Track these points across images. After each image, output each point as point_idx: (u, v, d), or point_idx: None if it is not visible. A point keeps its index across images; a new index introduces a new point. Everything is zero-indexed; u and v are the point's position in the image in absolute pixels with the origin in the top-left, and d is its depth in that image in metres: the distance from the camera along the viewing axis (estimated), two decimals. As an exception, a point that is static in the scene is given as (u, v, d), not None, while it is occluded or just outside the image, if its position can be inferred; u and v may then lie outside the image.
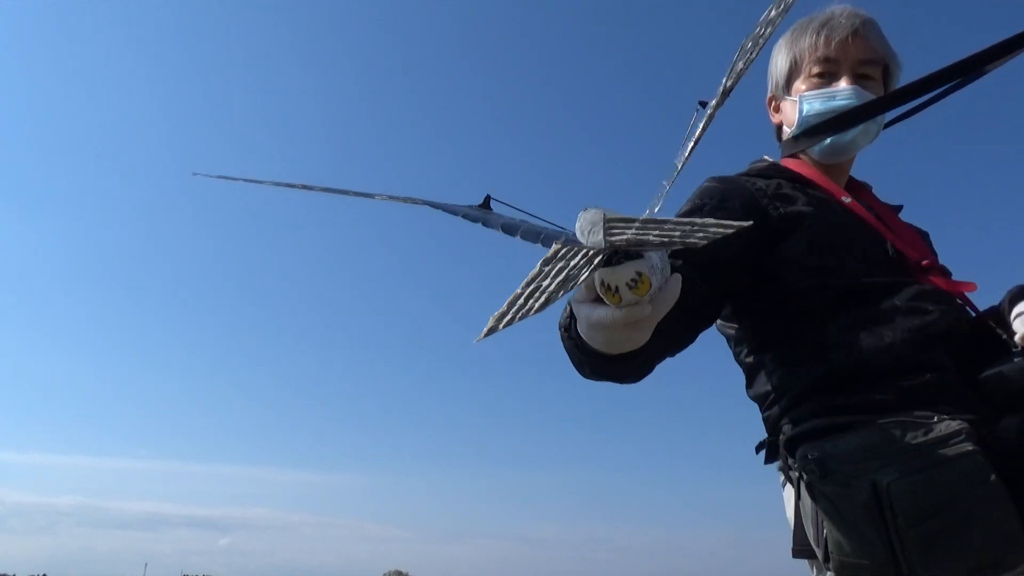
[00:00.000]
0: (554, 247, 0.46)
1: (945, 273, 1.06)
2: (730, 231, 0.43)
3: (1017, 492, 0.81)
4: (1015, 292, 1.00)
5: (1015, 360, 0.90)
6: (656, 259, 0.51)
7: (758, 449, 1.05)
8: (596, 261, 0.47)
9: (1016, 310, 0.97)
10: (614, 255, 0.48)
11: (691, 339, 0.93)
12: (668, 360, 0.91)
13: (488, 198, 0.70)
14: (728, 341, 1.13)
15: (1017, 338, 0.94)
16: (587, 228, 0.50)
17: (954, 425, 0.84)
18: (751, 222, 0.45)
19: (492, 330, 0.47)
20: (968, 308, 1.03)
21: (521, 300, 0.46)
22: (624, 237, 0.45)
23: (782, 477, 1.03)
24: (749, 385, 1.08)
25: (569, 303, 0.70)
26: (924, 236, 1.17)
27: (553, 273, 0.46)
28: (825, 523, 0.87)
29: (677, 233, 0.44)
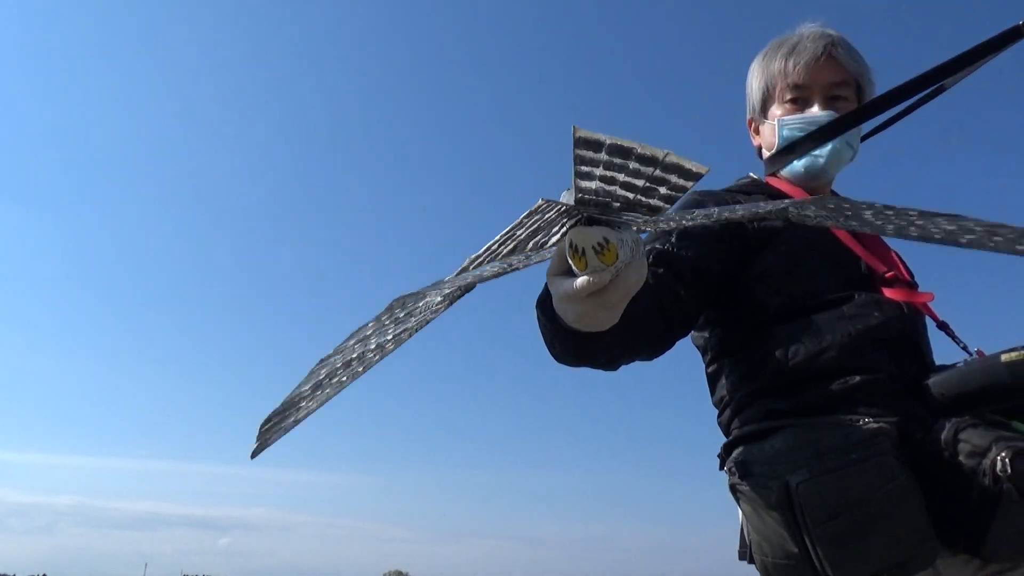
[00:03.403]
0: (539, 202, 0.45)
1: (910, 285, 1.07)
2: (690, 182, 0.46)
3: (937, 492, 0.82)
4: None
5: (958, 366, 0.94)
6: (629, 237, 0.51)
7: (719, 456, 1.08)
8: (569, 223, 0.49)
9: None
10: (589, 220, 0.50)
11: (667, 343, 0.97)
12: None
13: None
14: (699, 351, 1.17)
15: None
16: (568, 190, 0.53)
17: (874, 426, 0.86)
18: (708, 168, 0.46)
19: (463, 271, 0.51)
20: (929, 317, 1.05)
21: (495, 247, 0.49)
22: (591, 185, 0.45)
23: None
24: (711, 392, 1.13)
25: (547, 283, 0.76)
26: (896, 251, 1.18)
27: (529, 225, 0.47)
28: (747, 524, 0.92)
29: (639, 183, 0.45)
